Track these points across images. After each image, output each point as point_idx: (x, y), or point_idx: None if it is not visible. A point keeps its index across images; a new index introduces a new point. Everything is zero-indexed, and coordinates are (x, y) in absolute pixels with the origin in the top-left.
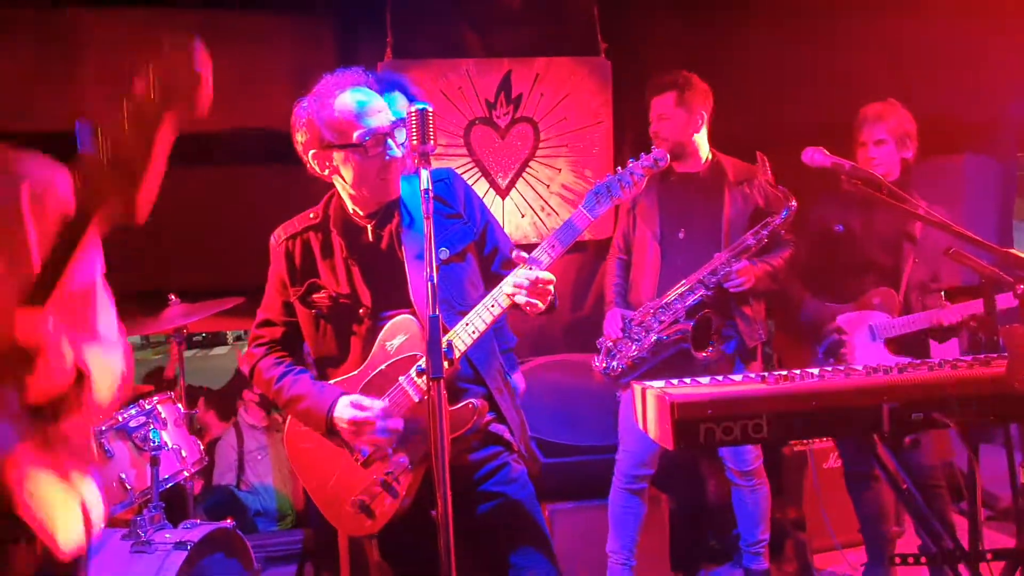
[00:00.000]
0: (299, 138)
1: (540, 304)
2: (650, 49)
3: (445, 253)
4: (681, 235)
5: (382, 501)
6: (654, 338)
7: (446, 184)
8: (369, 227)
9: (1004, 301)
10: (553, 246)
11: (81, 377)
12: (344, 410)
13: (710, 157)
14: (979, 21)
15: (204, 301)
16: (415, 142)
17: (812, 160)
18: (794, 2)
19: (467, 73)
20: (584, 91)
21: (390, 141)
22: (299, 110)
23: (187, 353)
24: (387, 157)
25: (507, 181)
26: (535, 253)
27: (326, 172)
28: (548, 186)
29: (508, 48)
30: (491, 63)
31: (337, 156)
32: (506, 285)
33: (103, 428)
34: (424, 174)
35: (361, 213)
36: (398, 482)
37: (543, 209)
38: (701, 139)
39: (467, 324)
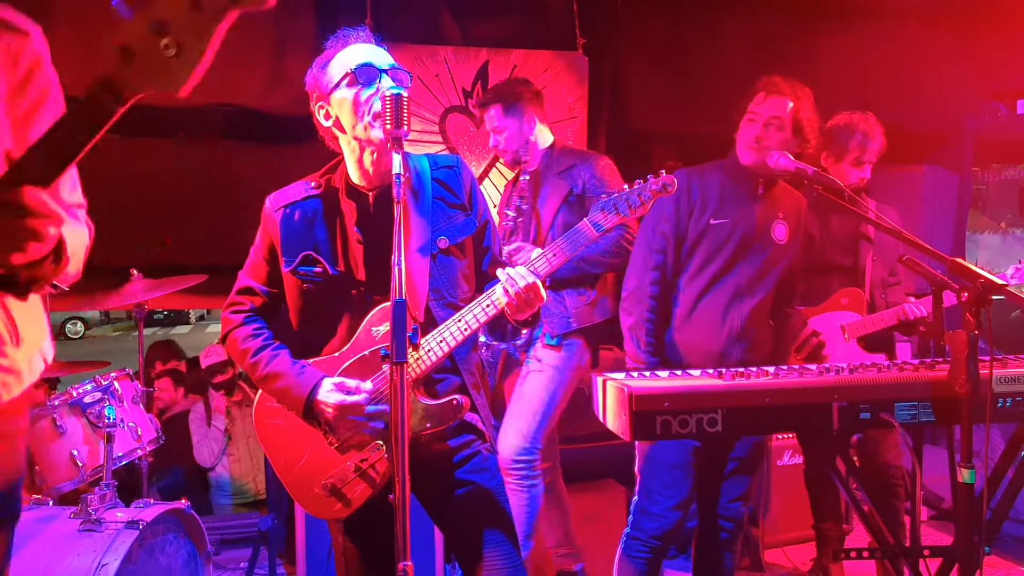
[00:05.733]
0: (312, 103)
1: (526, 311)
2: (627, 47)
3: (444, 242)
4: None
5: (355, 487)
6: None
7: (454, 172)
8: (370, 195)
9: (950, 299)
10: (555, 254)
11: (60, 248)
12: (329, 394)
13: None
14: (941, 36)
15: (167, 277)
16: (388, 126)
17: (777, 165)
18: (768, 7)
19: (445, 60)
20: (560, 85)
21: (385, 76)
22: (310, 73)
23: (148, 331)
24: (388, 92)
25: (480, 170)
26: (534, 260)
27: (330, 123)
28: None
29: (487, 38)
30: (469, 52)
31: (335, 99)
32: (500, 286)
33: (56, 402)
34: (396, 159)
35: (364, 184)
36: (374, 469)
37: None
38: None
39: (459, 320)
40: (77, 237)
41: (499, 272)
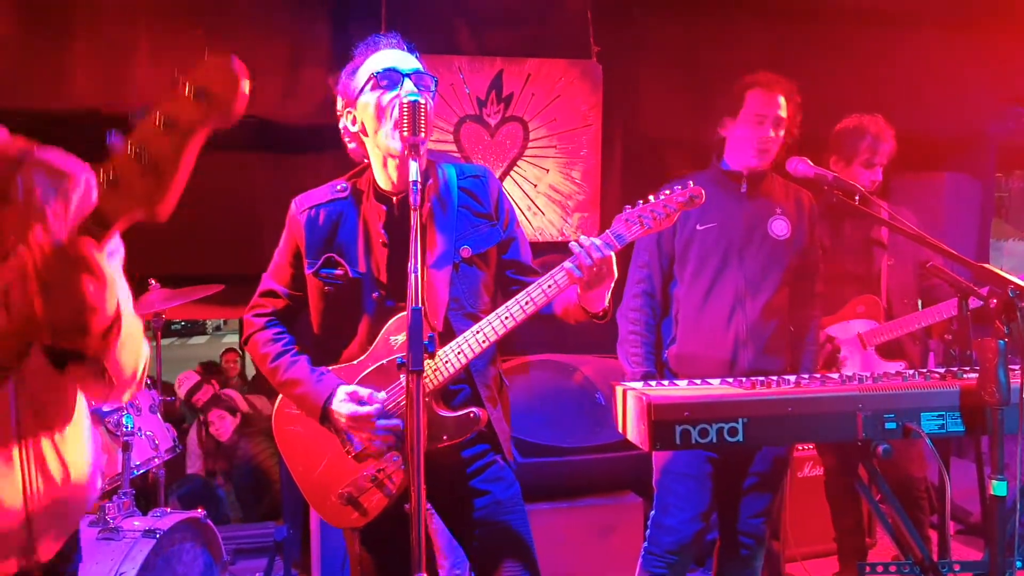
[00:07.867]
0: (339, 107)
1: (596, 287)
2: (641, 54)
3: (467, 252)
4: None
5: (371, 496)
6: None
7: (481, 182)
8: (395, 199)
9: (972, 301)
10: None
11: (111, 328)
12: (342, 405)
13: None
14: (963, 40)
15: (184, 287)
16: (405, 133)
17: (796, 170)
18: (786, 13)
19: (459, 70)
20: (575, 93)
21: (407, 80)
22: (339, 79)
23: (164, 342)
24: (406, 99)
25: None
26: (554, 272)
27: (356, 128)
28: (536, 186)
29: (501, 47)
30: (483, 61)
31: (360, 104)
32: (568, 263)
33: None
34: (413, 166)
35: (389, 189)
36: (391, 480)
37: (530, 208)
38: None
39: (478, 332)
40: (135, 334)
41: (572, 244)
